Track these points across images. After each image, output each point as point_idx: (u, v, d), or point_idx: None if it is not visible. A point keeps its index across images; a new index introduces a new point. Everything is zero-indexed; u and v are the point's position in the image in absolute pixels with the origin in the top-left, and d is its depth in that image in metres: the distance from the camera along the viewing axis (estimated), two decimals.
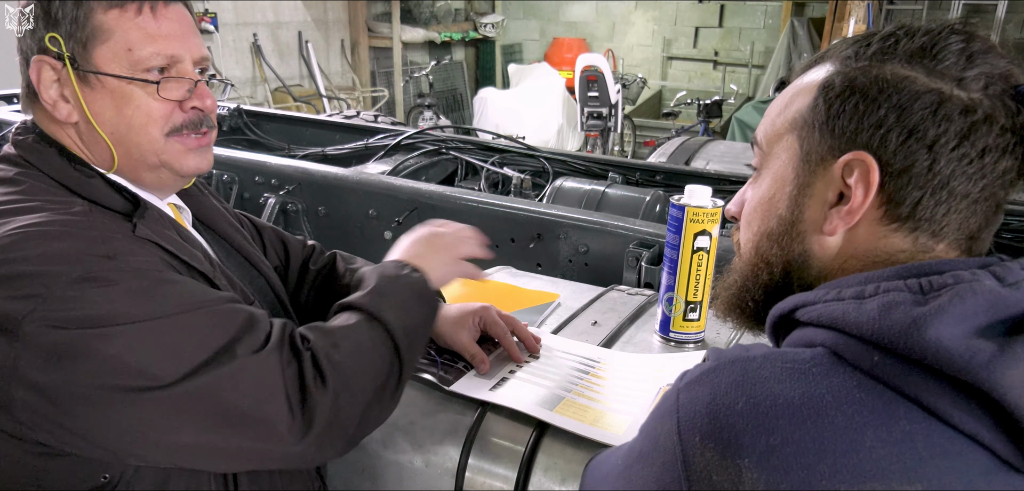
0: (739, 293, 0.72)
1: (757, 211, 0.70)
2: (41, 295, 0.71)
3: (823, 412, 0.50)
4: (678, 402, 0.56)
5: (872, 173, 0.59)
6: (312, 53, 6.85)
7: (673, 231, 1.13)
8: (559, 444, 0.92)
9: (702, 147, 2.79)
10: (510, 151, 2.46)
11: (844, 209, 0.61)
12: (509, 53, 9.42)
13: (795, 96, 0.67)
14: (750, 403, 0.52)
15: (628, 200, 2.01)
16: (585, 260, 1.68)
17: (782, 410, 0.51)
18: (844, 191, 0.61)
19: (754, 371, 0.54)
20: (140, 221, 0.82)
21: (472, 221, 1.82)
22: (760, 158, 0.71)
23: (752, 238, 0.70)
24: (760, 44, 8.36)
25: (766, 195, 0.68)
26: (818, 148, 0.63)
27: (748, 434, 0.51)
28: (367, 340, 0.87)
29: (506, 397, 0.97)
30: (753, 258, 0.70)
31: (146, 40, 0.84)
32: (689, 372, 0.59)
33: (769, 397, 0.52)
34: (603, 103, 6.29)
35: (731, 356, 0.57)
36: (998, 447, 0.48)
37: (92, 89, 0.84)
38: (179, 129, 0.89)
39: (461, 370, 1.04)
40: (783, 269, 0.67)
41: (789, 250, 0.67)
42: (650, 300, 1.33)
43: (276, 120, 2.96)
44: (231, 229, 1.06)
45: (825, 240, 0.64)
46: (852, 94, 0.61)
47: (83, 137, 0.87)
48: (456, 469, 0.94)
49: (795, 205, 0.65)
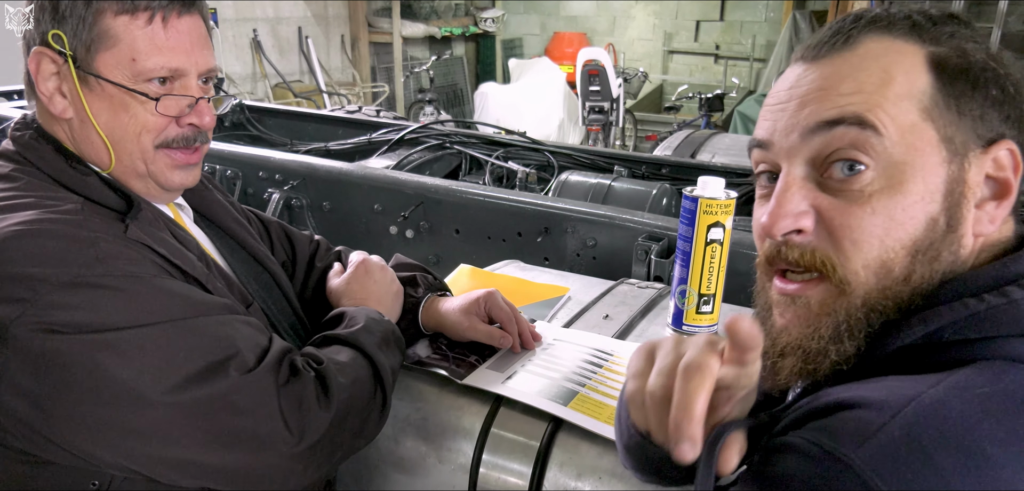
0: (834, 337, 0.56)
1: (893, 221, 0.54)
2: (28, 299, 0.70)
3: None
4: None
5: (1019, 162, 0.56)
6: (312, 49, 6.82)
7: (686, 223, 1.12)
8: (574, 439, 0.90)
9: (708, 140, 2.77)
10: (514, 145, 2.44)
11: (1006, 203, 0.56)
12: (509, 48, 9.39)
13: (890, 69, 0.55)
14: (1001, 453, 0.43)
15: (635, 193, 2.00)
16: (593, 254, 1.67)
17: None
18: (1005, 182, 0.56)
19: (975, 424, 0.44)
20: (132, 222, 0.81)
21: (479, 215, 1.82)
22: (875, 148, 0.54)
23: (879, 257, 0.55)
24: (762, 38, 8.32)
25: (907, 198, 0.54)
26: (959, 133, 0.54)
27: (1021, 487, 0.42)
28: (362, 375, 0.89)
29: (520, 390, 0.95)
30: (879, 282, 0.55)
31: (152, 51, 0.83)
32: (849, 434, 0.44)
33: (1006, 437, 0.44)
34: (605, 97, 6.26)
35: (904, 422, 0.44)
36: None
37: (91, 90, 0.83)
38: (170, 143, 0.88)
39: (473, 364, 1.03)
40: (926, 288, 0.54)
41: (937, 261, 0.55)
42: (661, 293, 1.31)
43: (278, 115, 2.95)
44: (236, 225, 1.05)
45: (968, 240, 0.56)
46: (967, 75, 0.55)
47: (77, 133, 0.86)
48: (470, 465, 0.93)
49: (954, 204, 0.54)
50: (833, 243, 0.56)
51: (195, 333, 0.76)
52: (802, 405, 0.51)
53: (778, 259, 0.59)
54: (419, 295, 1.11)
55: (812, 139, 0.56)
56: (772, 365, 0.59)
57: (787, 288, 0.59)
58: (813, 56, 0.58)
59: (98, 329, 0.71)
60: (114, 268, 0.75)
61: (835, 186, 0.55)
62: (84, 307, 0.71)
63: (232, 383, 0.76)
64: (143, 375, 0.72)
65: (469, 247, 1.82)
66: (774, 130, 0.59)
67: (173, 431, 0.74)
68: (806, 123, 0.56)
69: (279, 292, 1.05)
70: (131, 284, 0.75)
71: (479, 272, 1.41)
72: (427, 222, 1.88)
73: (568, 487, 0.88)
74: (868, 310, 0.55)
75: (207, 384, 0.75)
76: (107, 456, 0.75)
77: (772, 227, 0.57)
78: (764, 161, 0.62)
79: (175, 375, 0.73)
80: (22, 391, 0.71)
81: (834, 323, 0.56)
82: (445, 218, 1.85)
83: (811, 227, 0.57)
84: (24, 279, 0.71)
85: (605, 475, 0.87)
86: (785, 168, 0.58)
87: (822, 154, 0.56)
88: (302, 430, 0.79)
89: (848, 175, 0.54)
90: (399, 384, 1.03)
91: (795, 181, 0.57)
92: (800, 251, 0.57)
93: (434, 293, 1.13)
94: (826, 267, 0.56)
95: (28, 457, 0.75)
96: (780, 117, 0.59)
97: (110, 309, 0.73)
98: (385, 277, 1.10)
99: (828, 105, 0.55)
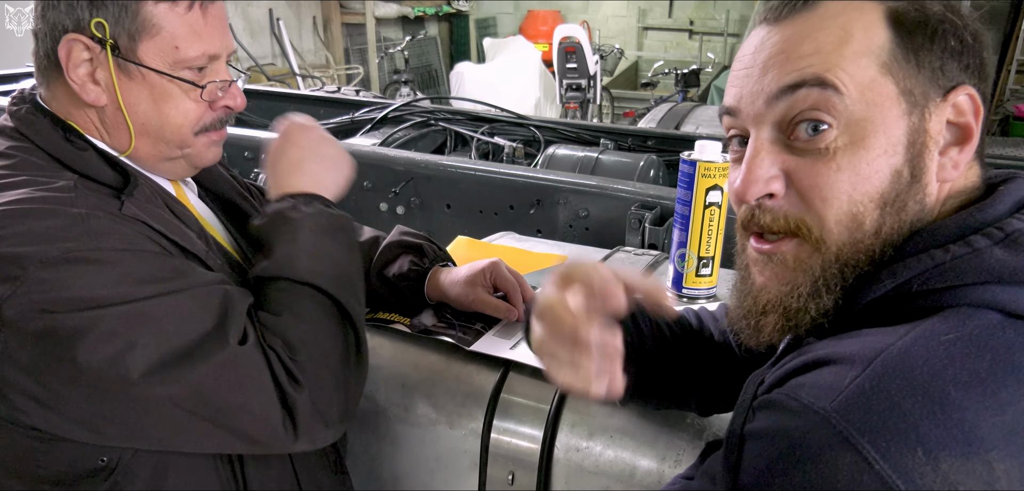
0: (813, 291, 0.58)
1: (858, 175, 0.55)
2: (19, 277, 0.69)
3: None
4: (861, 448, 0.45)
5: (980, 107, 0.57)
6: (284, 31, 6.72)
7: (684, 187, 1.13)
8: (584, 400, 0.92)
9: (690, 112, 2.80)
10: (499, 121, 2.44)
11: (968, 148, 0.57)
12: (483, 27, 9.33)
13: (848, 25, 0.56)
14: (964, 397, 0.46)
15: (622, 165, 2.01)
16: (586, 224, 1.68)
17: (1005, 377, 0.47)
18: (963, 128, 0.57)
19: (940, 370, 0.47)
20: (128, 199, 0.80)
21: (470, 189, 1.82)
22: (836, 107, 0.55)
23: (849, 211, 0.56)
24: (735, 12, 8.38)
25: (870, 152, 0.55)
26: (918, 85, 0.56)
27: (985, 425, 0.45)
28: (317, 312, 0.82)
29: (528, 355, 0.96)
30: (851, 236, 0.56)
31: (193, 38, 0.83)
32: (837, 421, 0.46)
33: (974, 380, 0.46)
34: (582, 74, 6.26)
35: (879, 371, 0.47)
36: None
37: (131, 79, 0.82)
38: (207, 128, 0.88)
39: (479, 331, 1.04)
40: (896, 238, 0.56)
41: (904, 211, 0.56)
42: (658, 259, 1.33)
43: (257, 96, 2.90)
44: (238, 197, 1.04)
45: (932, 188, 0.57)
46: (924, 28, 0.56)
47: (106, 121, 0.84)
48: (481, 429, 0.94)
49: (916, 155, 0.56)
50: (804, 204, 0.57)
51: (187, 305, 0.76)
52: (785, 363, 0.54)
53: (752, 223, 0.61)
54: (425, 265, 1.11)
55: (776, 104, 0.57)
56: (755, 324, 0.62)
57: (763, 247, 0.61)
58: (775, 17, 0.60)
59: (90, 305, 0.71)
60: (104, 243, 0.74)
61: (801, 146, 0.57)
62: (73, 283, 0.71)
63: (228, 354, 0.75)
64: (135, 348, 0.72)
65: (461, 222, 1.82)
66: (741, 96, 0.61)
67: (169, 403, 0.74)
68: (769, 89, 0.58)
69: None
70: (121, 258, 0.74)
71: (477, 243, 1.41)
72: (417, 198, 1.87)
73: (580, 447, 0.89)
74: (842, 264, 0.57)
75: (201, 356, 0.74)
76: (109, 430, 0.75)
77: (744, 193, 0.59)
78: (734, 127, 0.63)
79: (168, 347, 0.73)
80: (23, 368, 0.71)
81: (811, 279, 0.58)
82: (436, 194, 1.85)
83: (781, 190, 0.58)
84: (14, 258, 0.70)
85: (616, 434, 0.88)
86: (753, 133, 0.60)
87: (787, 117, 0.57)
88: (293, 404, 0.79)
89: (813, 135, 0.56)
90: (407, 351, 1.03)
91: (763, 146, 0.59)
92: (772, 217, 0.59)
93: (439, 264, 1.13)
94: (801, 230, 0.58)
95: (37, 433, 0.75)
96: (746, 83, 0.60)
97: (101, 283, 0.72)
98: (308, 139, 0.94)
99: (789, 69, 0.57)
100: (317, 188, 0.91)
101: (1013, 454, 0.45)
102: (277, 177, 0.92)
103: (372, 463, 1.02)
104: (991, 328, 0.50)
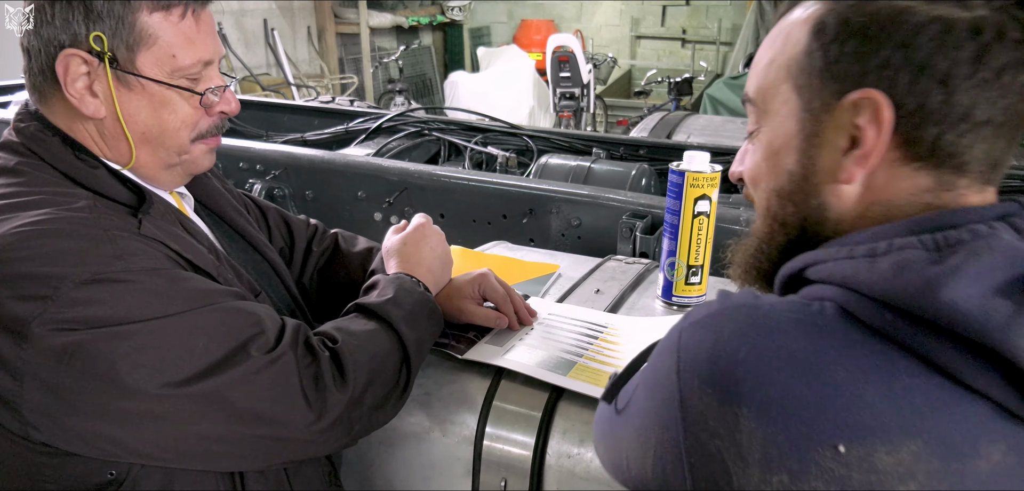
0: (755, 255, 0.69)
1: (763, 170, 0.65)
2: (49, 296, 0.70)
3: (825, 367, 0.49)
4: (680, 342, 0.56)
5: (883, 111, 0.54)
6: (278, 41, 6.73)
7: (673, 197, 1.15)
8: (575, 407, 0.93)
9: (682, 121, 2.82)
10: (492, 130, 2.46)
11: (858, 153, 0.57)
12: (477, 36, 9.36)
13: (784, 40, 0.62)
14: (752, 353, 0.51)
15: (614, 174, 2.03)
16: (578, 233, 1.70)
17: (784, 362, 0.50)
18: (856, 134, 0.56)
19: (760, 320, 0.53)
20: (145, 218, 0.82)
21: (463, 198, 1.83)
22: (756, 115, 0.66)
23: (763, 198, 0.66)
24: (727, 21, 8.43)
25: (769, 152, 0.64)
26: (820, 94, 0.58)
27: (748, 384, 0.50)
28: (384, 349, 0.89)
29: (520, 362, 0.98)
30: (766, 218, 0.66)
31: (188, 46, 0.84)
32: (694, 311, 0.58)
33: (772, 348, 0.51)
34: (575, 83, 6.28)
35: (738, 301, 0.56)
36: (1009, 401, 0.48)
37: (130, 90, 0.83)
38: (204, 134, 0.90)
39: (472, 340, 1.05)
40: (799, 226, 0.63)
41: (804, 205, 0.62)
42: (648, 268, 1.35)
43: (252, 107, 2.91)
44: (235, 213, 1.05)
45: (842, 189, 0.59)
46: (850, 36, 0.56)
47: (105, 133, 0.85)
48: (474, 437, 0.95)
49: (804, 157, 0.61)
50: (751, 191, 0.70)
51: (214, 319, 0.77)
52: None
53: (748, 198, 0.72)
54: None
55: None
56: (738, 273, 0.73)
57: None
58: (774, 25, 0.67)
59: (119, 321, 0.72)
60: (132, 264, 0.75)
61: None
62: (104, 302, 0.72)
63: (252, 364, 0.77)
64: (165, 363, 0.73)
65: (454, 231, 1.83)
66: None
67: (195, 415, 0.75)
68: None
69: (277, 280, 1.06)
70: (149, 278, 0.76)
71: (470, 252, 1.42)
72: (412, 208, 1.88)
73: (571, 453, 0.91)
74: (765, 243, 0.67)
75: (228, 368, 0.76)
76: (132, 442, 0.75)
77: (730, 175, 0.72)
78: None
79: (196, 362, 0.74)
80: (46, 386, 0.71)
81: (756, 247, 0.69)
82: (429, 203, 1.86)
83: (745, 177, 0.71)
84: (44, 278, 0.70)
85: None
86: None
87: None
88: (321, 409, 0.80)
89: (751, 135, 0.68)
90: None
91: (748, 141, 0.70)
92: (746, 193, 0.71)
93: None
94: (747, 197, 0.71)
95: (49, 449, 0.75)
96: None
97: (130, 303, 0.73)
98: (440, 245, 1.10)
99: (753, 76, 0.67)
100: (429, 280, 1.05)
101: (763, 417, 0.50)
102: (404, 255, 1.06)
103: (366, 471, 1.03)
104: (826, 317, 0.54)
